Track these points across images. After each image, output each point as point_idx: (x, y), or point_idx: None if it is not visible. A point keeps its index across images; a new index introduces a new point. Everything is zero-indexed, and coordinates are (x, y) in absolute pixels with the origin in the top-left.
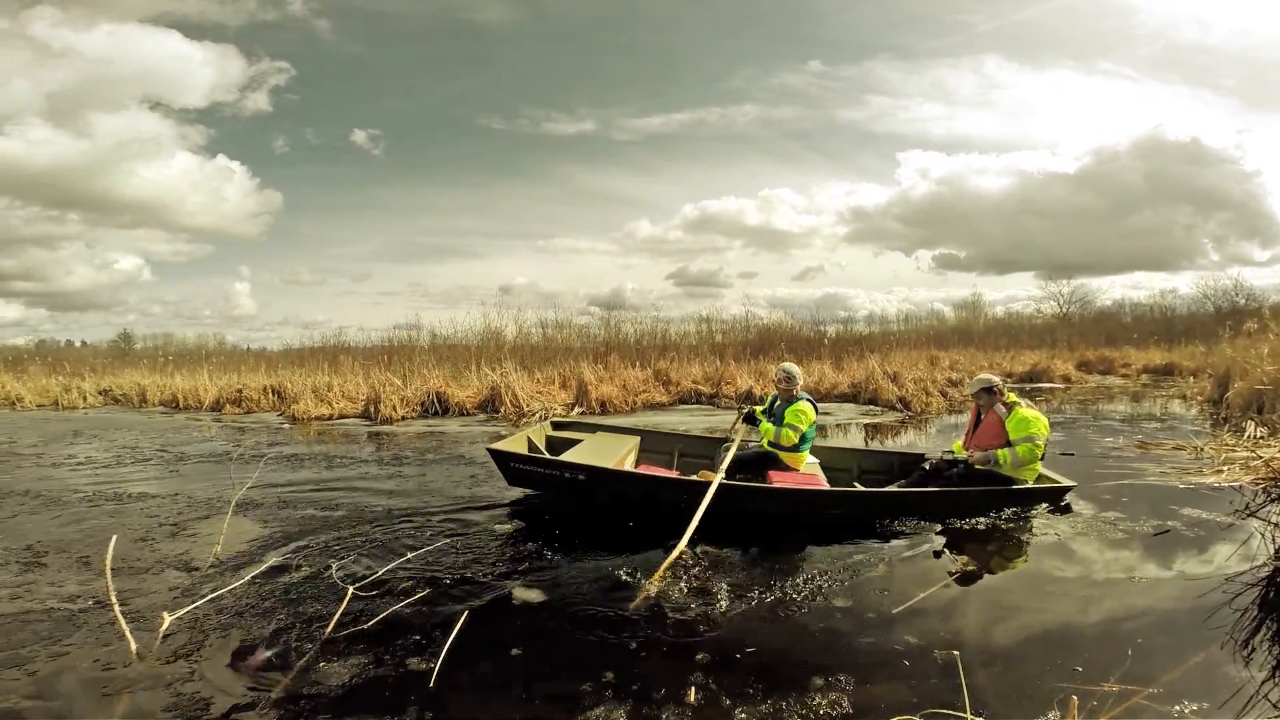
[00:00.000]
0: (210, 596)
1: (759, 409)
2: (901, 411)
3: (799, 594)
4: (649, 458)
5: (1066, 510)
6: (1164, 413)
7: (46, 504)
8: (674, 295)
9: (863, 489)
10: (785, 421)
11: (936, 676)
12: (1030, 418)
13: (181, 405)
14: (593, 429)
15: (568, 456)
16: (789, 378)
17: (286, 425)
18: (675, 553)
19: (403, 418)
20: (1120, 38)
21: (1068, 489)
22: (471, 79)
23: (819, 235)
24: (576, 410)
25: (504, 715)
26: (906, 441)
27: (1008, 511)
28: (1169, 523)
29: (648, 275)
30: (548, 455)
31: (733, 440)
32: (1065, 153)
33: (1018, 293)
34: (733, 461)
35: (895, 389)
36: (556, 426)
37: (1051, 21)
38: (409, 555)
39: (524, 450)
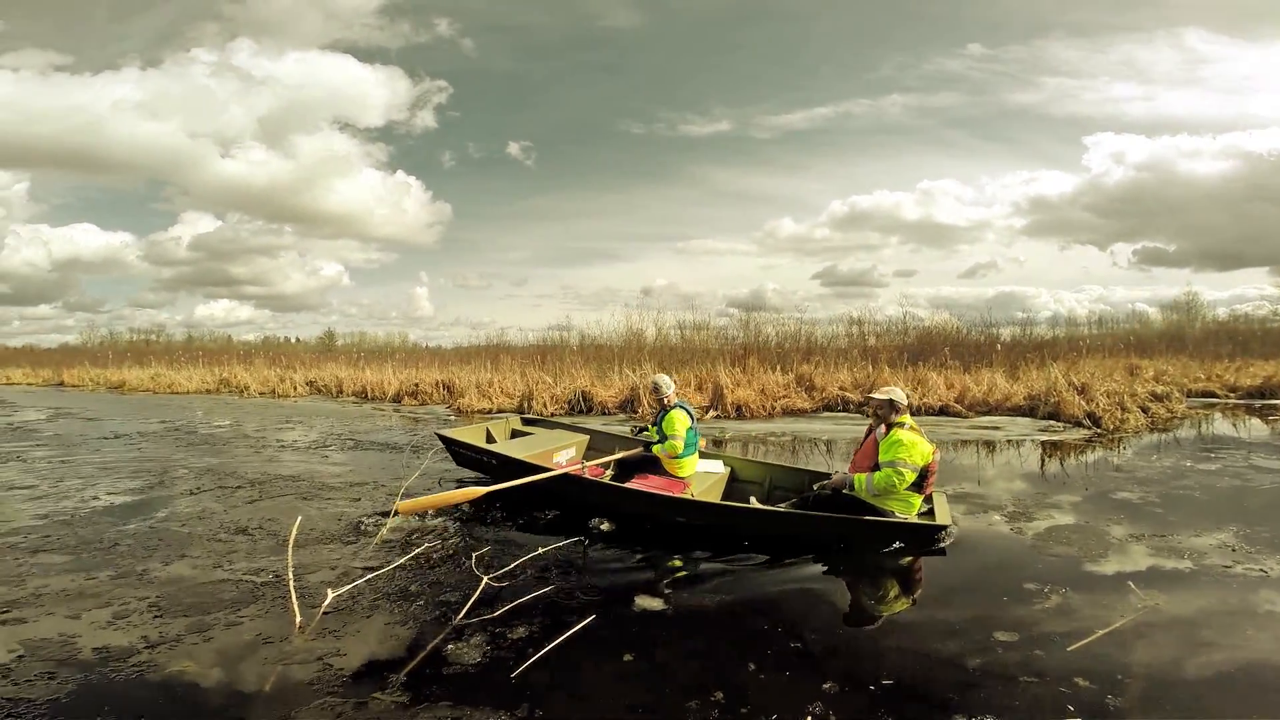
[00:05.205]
0: (368, 577)
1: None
2: (1089, 429)
3: (958, 624)
4: (594, 455)
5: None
6: None
7: (255, 483)
8: (821, 296)
9: (690, 499)
10: (664, 433)
11: None
12: (904, 441)
13: (369, 396)
14: (552, 426)
15: (502, 448)
16: (655, 389)
17: (453, 417)
18: (480, 491)
19: (552, 414)
20: None
21: (938, 529)
22: (608, 85)
23: (990, 228)
24: (711, 413)
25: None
26: (1089, 460)
27: (874, 546)
28: None
29: (791, 275)
30: (482, 444)
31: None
32: None
33: (1246, 291)
34: (620, 462)
35: (1082, 402)
36: (526, 422)
37: None
38: (541, 550)
39: (480, 440)
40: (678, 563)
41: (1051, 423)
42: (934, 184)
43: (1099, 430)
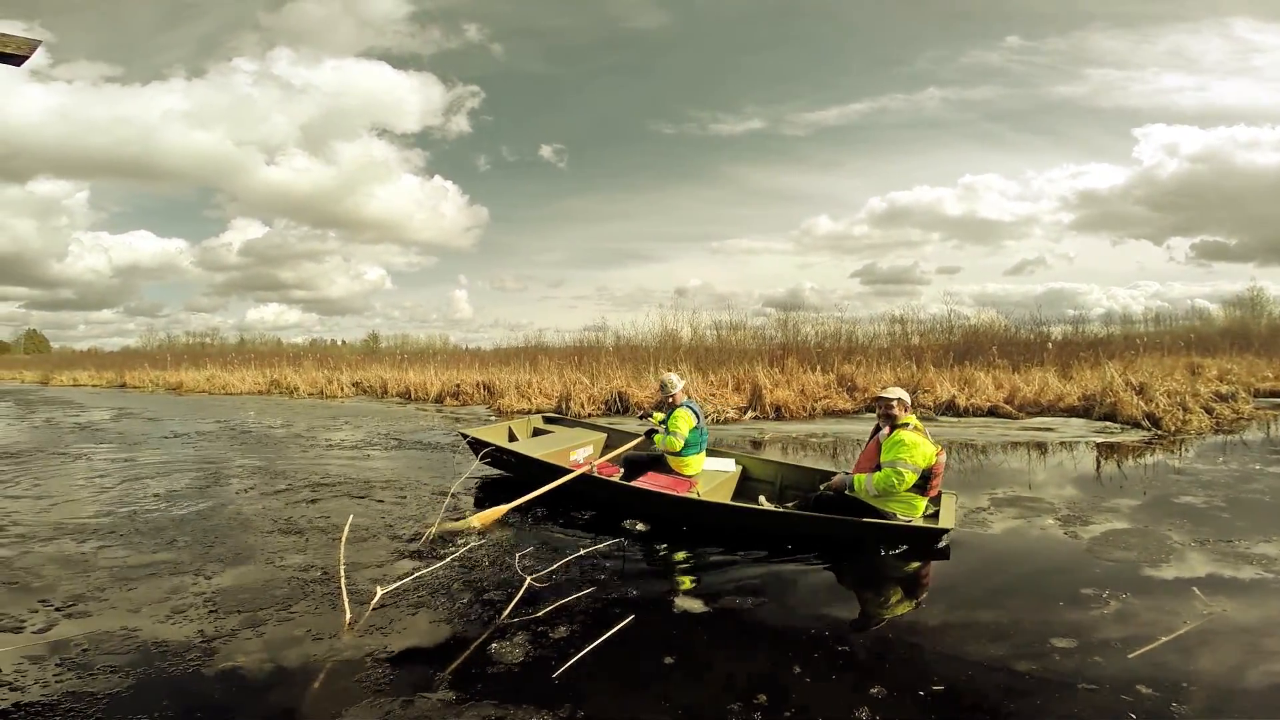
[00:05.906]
0: (415, 575)
1: (657, 418)
2: (1148, 430)
3: (1012, 629)
4: (610, 453)
5: None
6: None
7: (306, 482)
8: (861, 294)
9: (695, 498)
10: (669, 431)
11: None
12: (905, 442)
13: (413, 396)
14: (572, 424)
15: (521, 446)
16: (663, 386)
17: (493, 417)
18: (505, 509)
19: (589, 415)
20: None
21: (939, 533)
22: (637, 87)
23: (1037, 224)
24: (749, 414)
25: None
26: (1149, 463)
27: (873, 548)
28: None
29: (829, 274)
30: (503, 444)
31: (647, 441)
32: None
33: None
34: (630, 461)
35: (1141, 403)
36: (547, 420)
37: None
38: (582, 551)
39: (503, 439)
40: (714, 563)
41: (1108, 424)
42: (976, 178)
43: (1159, 432)
